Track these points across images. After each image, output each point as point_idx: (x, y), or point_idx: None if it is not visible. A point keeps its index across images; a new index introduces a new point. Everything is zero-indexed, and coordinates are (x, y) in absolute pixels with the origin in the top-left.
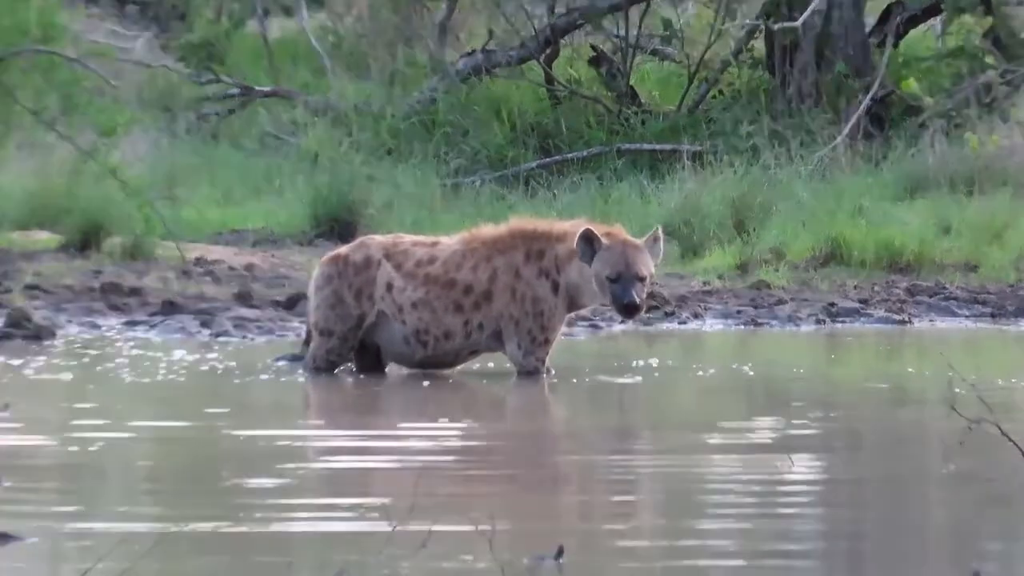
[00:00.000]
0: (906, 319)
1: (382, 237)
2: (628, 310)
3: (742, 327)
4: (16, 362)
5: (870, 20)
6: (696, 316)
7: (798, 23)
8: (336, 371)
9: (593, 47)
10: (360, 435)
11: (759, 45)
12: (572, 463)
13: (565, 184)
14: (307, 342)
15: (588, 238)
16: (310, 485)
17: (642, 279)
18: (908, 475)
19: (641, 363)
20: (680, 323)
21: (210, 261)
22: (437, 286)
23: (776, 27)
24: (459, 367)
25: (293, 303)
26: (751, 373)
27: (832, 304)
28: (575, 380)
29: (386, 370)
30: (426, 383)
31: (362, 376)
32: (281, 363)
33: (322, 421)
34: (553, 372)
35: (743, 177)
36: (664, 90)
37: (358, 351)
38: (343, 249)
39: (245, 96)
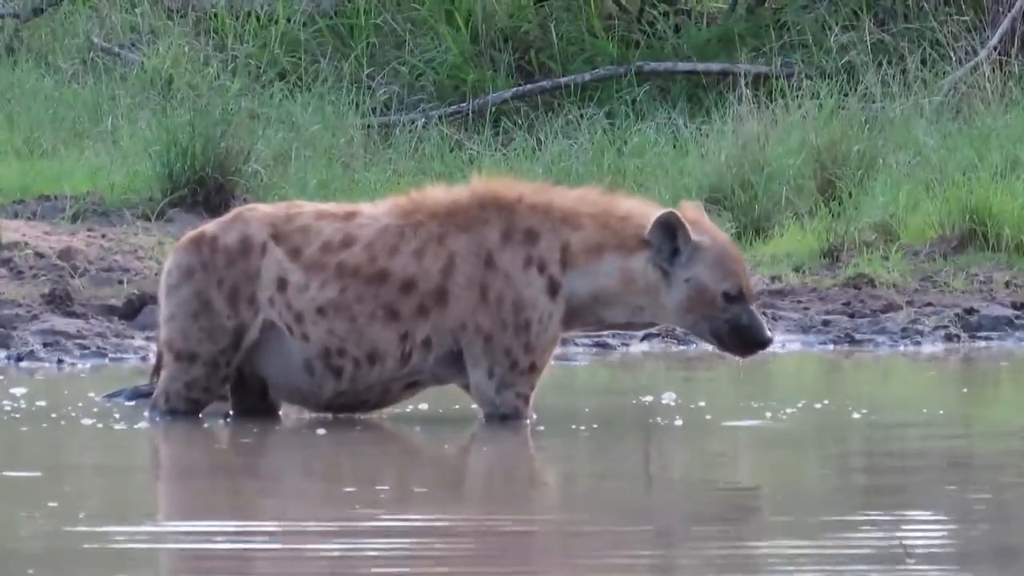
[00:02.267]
0: None
1: (270, 207)
2: (761, 347)
3: (831, 347)
4: None
5: None
6: None
7: None
8: (201, 414)
9: None
10: (236, 530)
11: None
12: None
13: (556, 124)
14: (157, 370)
15: (672, 227)
16: None
17: None
18: None
19: (676, 404)
20: None
21: (5, 244)
22: (358, 281)
23: None
24: (388, 408)
25: (135, 310)
26: (848, 418)
27: (971, 311)
28: (575, 428)
29: (280, 413)
30: (321, 431)
31: (239, 423)
32: (117, 402)
33: (180, 501)
34: (535, 417)
35: (833, 114)
36: None
37: (235, 384)
38: (210, 227)
39: None
